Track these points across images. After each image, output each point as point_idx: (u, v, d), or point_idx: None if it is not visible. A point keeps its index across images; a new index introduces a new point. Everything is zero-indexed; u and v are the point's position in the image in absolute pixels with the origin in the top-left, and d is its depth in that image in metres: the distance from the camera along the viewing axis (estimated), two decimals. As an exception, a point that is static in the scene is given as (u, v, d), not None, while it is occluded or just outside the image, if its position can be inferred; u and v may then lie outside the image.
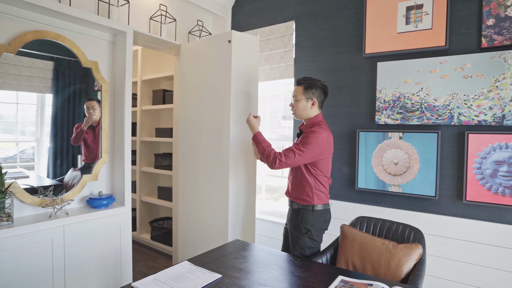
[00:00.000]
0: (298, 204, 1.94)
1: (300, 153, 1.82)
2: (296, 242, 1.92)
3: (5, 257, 1.72)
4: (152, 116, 3.72)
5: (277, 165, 1.84)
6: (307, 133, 1.87)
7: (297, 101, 1.94)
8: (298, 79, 1.97)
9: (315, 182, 1.91)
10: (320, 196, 1.92)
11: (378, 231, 1.94)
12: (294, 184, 1.98)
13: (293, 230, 1.94)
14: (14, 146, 2.05)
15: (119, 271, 2.26)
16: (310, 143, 1.82)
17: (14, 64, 1.97)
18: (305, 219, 1.90)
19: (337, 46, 2.53)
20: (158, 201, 3.43)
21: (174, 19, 2.76)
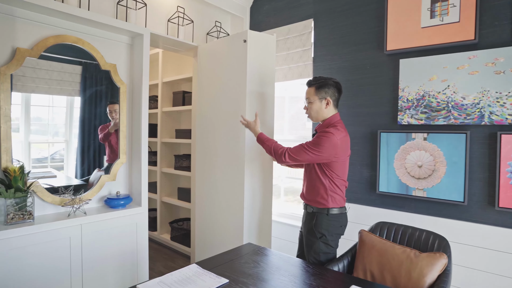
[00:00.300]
0: (312, 207, 1.86)
1: (310, 153, 1.76)
2: (310, 247, 1.85)
3: (26, 253, 1.78)
4: (172, 118, 3.76)
5: (287, 159, 1.82)
6: (321, 134, 1.80)
7: (311, 103, 1.87)
8: (308, 80, 1.91)
9: (330, 184, 1.83)
10: (336, 199, 1.84)
11: (399, 238, 1.83)
12: (308, 186, 1.91)
13: (308, 234, 1.87)
14: (47, 148, 2.15)
15: (135, 270, 2.28)
16: (322, 145, 1.75)
17: (46, 69, 2.05)
18: (320, 223, 1.82)
19: (357, 44, 2.43)
20: (178, 202, 3.45)
21: (192, 21, 2.77)
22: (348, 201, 2.44)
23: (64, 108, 2.19)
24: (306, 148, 1.78)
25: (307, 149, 1.77)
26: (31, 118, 2.04)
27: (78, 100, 2.21)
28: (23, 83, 1.98)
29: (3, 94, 1.83)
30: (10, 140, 1.86)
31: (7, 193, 1.76)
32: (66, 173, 2.22)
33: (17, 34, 1.88)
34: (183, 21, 2.72)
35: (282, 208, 3.15)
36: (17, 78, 1.94)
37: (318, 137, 1.78)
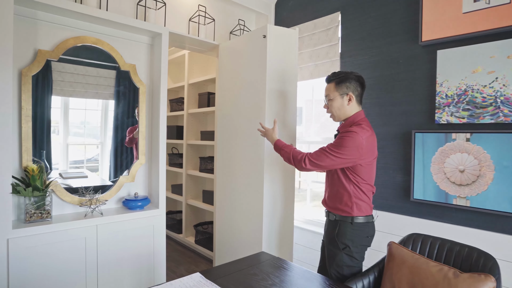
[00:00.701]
0: (335, 214, 1.69)
1: (332, 156, 1.58)
2: (333, 259, 1.67)
3: (43, 251, 1.79)
4: (198, 119, 3.73)
5: (307, 165, 1.64)
6: (343, 134, 1.61)
7: (331, 100, 1.70)
8: (327, 76, 1.73)
9: (355, 190, 1.64)
10: (361, 206, 1.65)
11: (435, 254, 1.59)
12: (330, 192, 1.73)
13: (329, 244, 1.70)
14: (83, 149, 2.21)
15: (152, 273, 2.23)
16: (345, 146, 1.56)
17: (83, 74, 2.09)
18: (343, 233, 1.64)
19: (388, 36, 2.21)
20: (202, 205, 3.40)
21: (213, 19, 2.70)
22: (378, 208, 2.22)
23: (99, 111, 2.22)
24: (328, 151, 1.60)
25: (329, 152, 1.59)
26: (70, 121, 2.10)
27: (112, 103, 2.24)
28: (62, 88, 2.03)
29: (25, 95, 1.86)
30: (30, 139, 1.89)
31: (25, 192, 1.79)
32: (101, 175, 2.24)
33: (39, 37, 1.92)
34: (204, 20, 2.67)
35: (308, 214, 2.97)
36: (56, 83, 2.00)
37: (341, 138, 1.60)
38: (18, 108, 1.86)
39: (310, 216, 2.91)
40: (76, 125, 2.15)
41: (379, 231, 2.18)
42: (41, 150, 1.99)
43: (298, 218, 2.91)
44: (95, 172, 2.24)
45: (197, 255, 3.43)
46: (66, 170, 2.12)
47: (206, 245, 3.32)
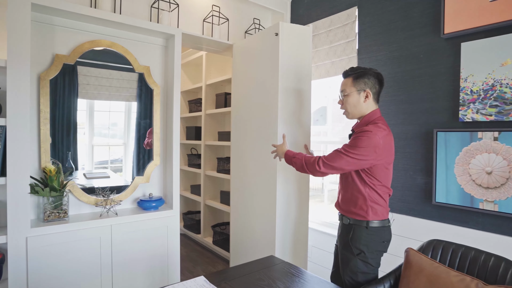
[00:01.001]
0: (349, 218, 1.61)
1: (348, 157, 1.49)
2: (346, 265, 1.59)
3: (60, 250, 1.84)
4: (216, 120, 3.74)
5: (321, 168, 1.55)
6: (359, 133, 1.53)
7: (347, 96, 1.60)
8: (345, 71, 1.64)
9: (371, 192, 1.56)
10: (377, 210, 1.56)
11: (457, 262, 1.48)
12: (344, 194, 1.65)
13: (343, 249, 1.62)
14: (116, 150, 2.29)
15: (166, 274, 2.24)
16: (361, 146, 1.48)
17: (106, 78, 2.15)
18: (358, 238, 1.56)
19: (408, 29, 2.09)
20: (220, 206, 3.39)
21: (227, 19, 2.69)
22: (397, 211, 2.11)
23: (122, 113, 2.27)
24: (343, 152, 1.51)
25: (344, 153, 1.51)
26: (95, 122, 2.17)
27: (133, 105, 2.29)
28: (87, 91, 2.09)
29: (43, 98, 1.93)
30: (48, 141, 1.95)
31: (43, 192, 1.84)
32: (124, 175, 2.29)
33: (56, 42, 1.98)
34: (218, 20, 2.65)
35: (326, 215, 2.88)
36: (82, 87, 2.07)
37: (356, 138, 1.52)
38: (37, 111, 1.92)
39: (328, 218, 2.82)
40: (100, 126, 2.21)
41: (397, 235, 2.07)
42: (67, 151, 2.06)
43: (315, 220, 2.83)
44: (119, 172, 2.29)
45: (215, 255, 3.43)
46: (91, 171, 2.18)
47: (223, 245, 3.31)
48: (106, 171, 2.27)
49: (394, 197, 2.14)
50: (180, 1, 2.45)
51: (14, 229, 1.69)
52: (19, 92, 1.69)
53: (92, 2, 2.08)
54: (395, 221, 2.10)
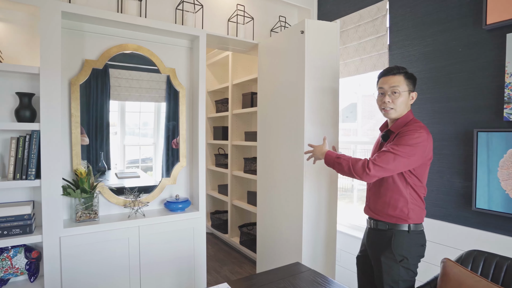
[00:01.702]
0: (387, 223, 1.53)
1: (400, 157, 1.42)
2: (387, 274, 1.49)
3: (91, 250, 1.90)
4: (243, 120, 3.72)
5: (372, 171, 1.43)
6: (404, 133, 1.47)
7: (399, 94, 1.52)
8: (392, 67, 1.55)
9: (412, 193, 1.51)
10: (417, 212, 1.51)
11: (502, 277, 1.35)
12: (380, 197, 1.56)
13: (383, 257, 1.51)
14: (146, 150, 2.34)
15: (193, 275, 2.26)
16: (411, 145, 1.43)
17: (136, 79, 2.20)
18: (400, 243, 1.48)
19: (444, 22, 1.95)
20: (247, 206, 3.38)
21: (252, 18, 2.65)
22: (432, 217, 1.99)
23: (152, 113, 2.32)
24: (393, 152, 1.42)
25: (395, 152, 1.42)
26: (126, 123, 2.23)
27: (162, 105, 2.33)
28: (118, 92, 2.16)
29: (74, 103, 1.99)
30: (79, 144, 2.01)
31: (75, 193, 1.91)
32: (154, 175, 2.34)
33: (85, 47, 2.04)
34: (243, 19, 2.62)
35: (355, 217, 2.77)
36: (114, 89, 2.14)
37: (405, 136, 1.45)
38: (68, 115, 1.99)
39: (357, 220, 2.71)
40: (132, 127, 2.26)
41: (432, 242, 1.96)
42: (100, 151, 2.13)
43: (344, 223, 2.74)
44: (149, 171, 2.34)
45: (242, 255, 3.42)
46: (123, 170, 2.24)
47: (250, 246, 3.30)
48: (137, 170, 2.32)
49: (428, 201, 2.01)
50: (204, 2, 2.45)
51: (49, 229, 1.76)
52: (51, 98, 1.75)
53: (118, 7, 2.12)
54: (429, 227, 1.97)
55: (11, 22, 1.83)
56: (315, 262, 2.14)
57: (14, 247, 1.79)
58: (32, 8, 1.76)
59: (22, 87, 1.84)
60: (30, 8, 1.78)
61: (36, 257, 1.84)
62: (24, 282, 1.83)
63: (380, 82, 1.58)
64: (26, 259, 1.80)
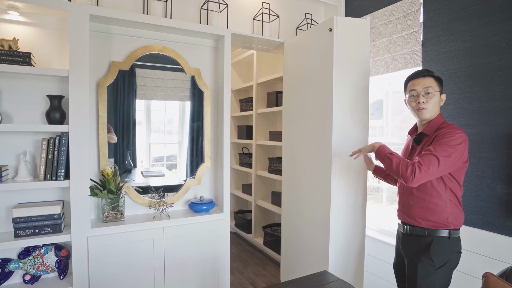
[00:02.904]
0: (425, 229, 1.47)
1: (443, 161, 1.37)
2: (423, 280, 1.44)
3: (116, 250, 1.93)
4: (267, 119, 3.68)
5: (417, 176, 1.37)
6: (444, 135, 1.42)
7: (433, 94, 1.51)
8: (423, 70, 1.55)
9: (451, 196, 1.44)
10: (457, 216, 1.45)
11: (551, 294, 1.23)
12: (417, 201, 1.50)
13: (419, 263, 1.45)
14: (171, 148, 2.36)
15: (216, 277, 2.24)
16: (455, 146, 1.39)
17: (162, 79, 2.22)
18: (440, 250, 1.43)
19: (484, 15, 1.81)
20: (271, 206, 3.34)
21: (277, 16, 2.59)
22: (471, 224, 1.86)
23: (177, 112, 2.33)
24: (438, 155, 1.37)
25: (441, 155, 1.37)
26: (152, 122, 2.25)
27: (186, 104, 2.33)
28: (144, 92, 2.18)
29: (101, 104, 2.02)
30: (106, 145, 2.04)
31: (101, 194, 1.94)
32: (179, 173, 2.35)
33: (112, 49, 2.06)
34: (269, 17, 2.57)
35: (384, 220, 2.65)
36: (140, 88, 2.16)
37: (445, 138, 1.41)
38: (96, 116, 2.02)
39: (386, 224, 2.59)
40: (157, 125, 2.27)
41: (470, 252, 1.84)
42: (127, 149, 2.16)
43: (371, 226, 2.64)
44: (174, 169, 2.35)
45: (265, 256, 3.39)
46: (148, 168, 2.26)
47: (274, 247, 3.26)
48: (162, 169, 2.33)
49: (466, 207, 1.88)
50: (229, 1, 2.42)
51: (77, 228, 1.80)
52: (79, 100, 1.78)
53: (144, 9, 2.12)
54: (467, 235, 1.85)
55: (42, 26, 1.88)
56: (342, 269, 2.06)
57: (45, 245, 1.85)
58: (62, 12, 1.80)
59: (52, 89, 1.89)
60: (60, 13, 1.81)
61: (65, 256, 1.88)
62: (54, 279, 1.88)
63: (410, 85, 1.57)
64: (56, 257, 1.85)
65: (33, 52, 1.84)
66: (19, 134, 1.83)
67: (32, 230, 1.74)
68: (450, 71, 1.97)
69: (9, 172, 1.81)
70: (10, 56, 1.68)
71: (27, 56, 1.71)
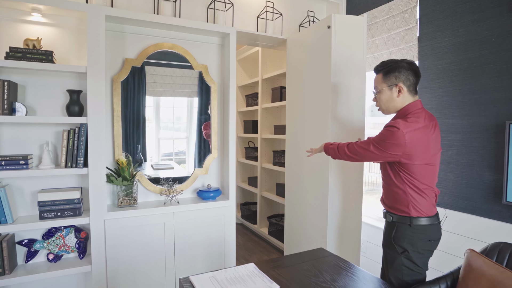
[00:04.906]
0: (392, 215, 1.54)
1: (372, 148, 1.49)
2: (391, 264, 1.53)
3: (131, 233, 2.09)
4: (272, 114, 3.81)
5: (348, 152, 1.59)
6: (384, 128, 1.48)
7: (379, 93, 1.56)
8: (375, 66, 1.59)
9: (410, 189, 1.47)
10: (420, 206, 1.47)
11: (527, 268, 1.34)
12: (386, 189, 1.60)
13: (387, 248, 1.57)
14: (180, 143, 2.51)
15: (222, 259, 2.39)
16: (384, 141, 1.44)
17: (170, 75, 2.37)
18: (401, 236, 1.49)
19: (477, 11, 1.90)
20: (276, 198, 3.48)
21: (280, 14, 2.71)
22: (461, 210, 1.96)
23: (185, 108, 2.47)
24: (371, 142, 1.51)
25: (372, 142, 1.50)
26: (161, 118, 2.39)
27: (194, 100, 2.47)
28: (153, 88, 2.33)
29: (116, 98, 2.18)
30: (121, 136, 2.20)
31: (117, 181, 2.10)
32: (187, 167, 2.50)
33: (125, 47, 2.21)
34: (272, 15, 2.69)
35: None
36: (149, 85, 2.31)
37: (382, 131, 1.49)
38: (111, 110, 2.18)
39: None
40: (166, 121, 2.41)
41: (459, 235, 1.94)
42: (137, 144, 2.31)
43: (372, 215, 2.75)
44: (182, 164, 2.50)
45: (270, 245, 3.53)
46: (158, 162, 2.42)
47: (278, 236, 3.40)
48: (171, 162, 2.48)
49: (458, 194, 1.99)
50: (234, 0, 2.54)
51: (95, 212, 1.97)
52: (96, 94, 1.94)
53: (155, 9, 2.27)
54: (458, 220, 1.96)
55: (62, 27, 2.04)
56: (339, 252, 2.19)
57: (66, 227, 2.02)
58: (80, 13, 1.95)
59: (72, 84, 2.05)
60: (78, 14, 1.97)
61: (84, 237, 2.05)
62: (74, 258, 2.05)
63: None
64: (76, 238, 2.02)
65: (54, 51, 2.01)
66: (42, 125, 2.00)
67: (55, 213, 1.91)
68: (444, 65, 2.07)
69: (33, 160, 1.98)
70: (35, 55, 1.84)
71: (50, 54, 1.87)
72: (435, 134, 1.48)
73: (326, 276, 1.34)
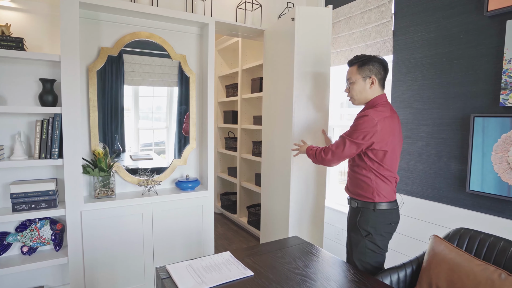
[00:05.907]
0: (357, 201, 1.66)
1: (349, 142, 1.58)
2: (355, 246, 1.65)
3: (108, 223, 2.08)
4: (252, 104, 3.82)
5: (328, 156, 1.68)
6: (356, 118, 1.60)
7: (353, 83, 1.68)
8: (349, 59, 1.70)
9: (376, 175, 1.60)
10: (383, 192, 1.60)
11: (484, 252, 1.45)
12: (351, 177, 1.71)
13: (352, 232, 1.69)
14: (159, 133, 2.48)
15: (201, 249, 2.43)
16: (358, 130, 1.55)
17: (150, 64, 2.33)
18: (366, 220, 1.61)
19: (447, 8, 1.98)
20: (255, 187, 3.52)
21: (260, 5, 2.71)
22: (429, 198, 2.07)
23: (164, 98, 2.44)
24: (346, 136, 1.61)
25: (346, 138, 1.60)
26: (140, 107, 2.35)
27: (175, 90, 2.45)
28: (132, 78, 2.29)
29: (91, 88, 2.14)
30: (97, 127, 2.17)
31: (93, 172, 2.08)
32: (167, 157, 2.48)
33: (101, 35, 2.16)
34: (252, 6, 2.69)
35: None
36: (128, 74, 2.26)
37: (354, 122, 1.60)
38: (87, 99, 2.14)
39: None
40: (145, 111, 2.38)
41: (427, 222, 2.05)
42: (115, 134, 2.28)
43: (341, 202, 2.87)
44: (162, 154, 2.49)
45: (249, 234, 3.59)
46: (137, 153, 2.40)
47: (257, 226, 3.46)
48: (150, 153, 2.47)
49: (426, 183, 2.09)
50: (213, -10, 2.52)
51: (71, 203, 1.94)
52: (71, 83, 1.89)
53: (131, -3, 2.22)
54: (425, 208, 2.07)
55: (34, 12, 1.96)
56: (303, 236, 2.30)
57: (41, 219, 1.99)
58: (52, -1, 1.89)
59: (45, 73, 1.99)
60: (50, -1, 1.90)
61: (60, 229, 2.03)
62: (50, 251, 2.03)
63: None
64: (52, 230, 2.00)
65: (25, 38, 1.94)
66: (13, 115, 1.94)
67: (28, 205, 1.88)
68: (416, 59, 2.15)
69: (4, 151, 1.93)
70: (3, 41, 1.77)
71: (20, 41, 1.81)
72: (398, 125, 1.63)
73: (299, 263, 1.39)
